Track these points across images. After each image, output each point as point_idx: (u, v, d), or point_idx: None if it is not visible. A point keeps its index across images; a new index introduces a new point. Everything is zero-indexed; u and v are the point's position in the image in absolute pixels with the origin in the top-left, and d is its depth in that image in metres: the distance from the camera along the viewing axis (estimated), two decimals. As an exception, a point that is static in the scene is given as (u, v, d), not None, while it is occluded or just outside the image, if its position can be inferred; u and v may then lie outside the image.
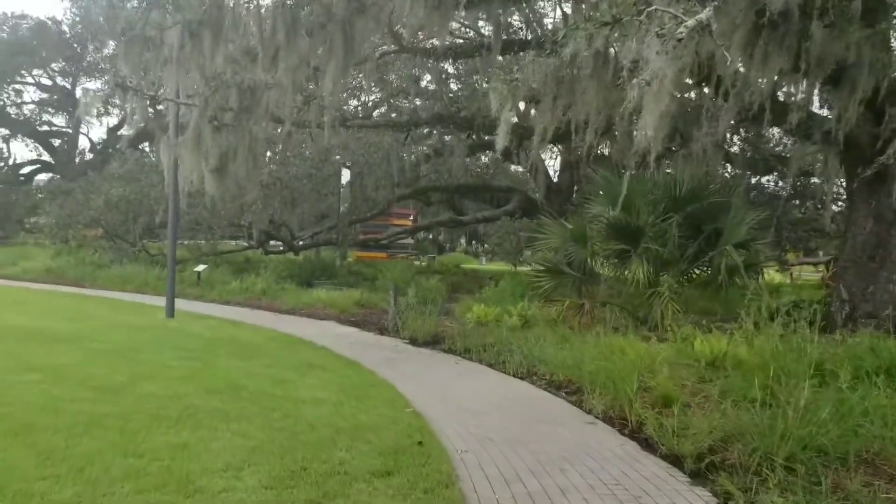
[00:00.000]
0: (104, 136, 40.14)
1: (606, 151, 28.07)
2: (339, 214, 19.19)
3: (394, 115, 18.93)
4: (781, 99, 11.01)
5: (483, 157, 33.74)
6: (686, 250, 11.49)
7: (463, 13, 11.88)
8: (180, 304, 13.09)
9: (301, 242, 22.22)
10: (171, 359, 8.21)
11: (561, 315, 11.76)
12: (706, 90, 11.63)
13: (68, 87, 35.89)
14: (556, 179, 29.04)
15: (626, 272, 11.99)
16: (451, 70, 18.49)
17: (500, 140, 7.23)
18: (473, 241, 64.88)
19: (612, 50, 6.78)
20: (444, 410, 6.24)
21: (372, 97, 19.20)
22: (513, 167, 37.99)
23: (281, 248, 25.24)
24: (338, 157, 20.31)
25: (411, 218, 40.89)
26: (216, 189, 11.65)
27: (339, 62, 9.11)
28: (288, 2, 7.87)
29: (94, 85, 33.90)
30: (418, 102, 19.67)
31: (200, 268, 16.78)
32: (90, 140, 41.47)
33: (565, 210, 25.82)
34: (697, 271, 12.17)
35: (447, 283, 21.24)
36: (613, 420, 6.02)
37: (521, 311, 12.05)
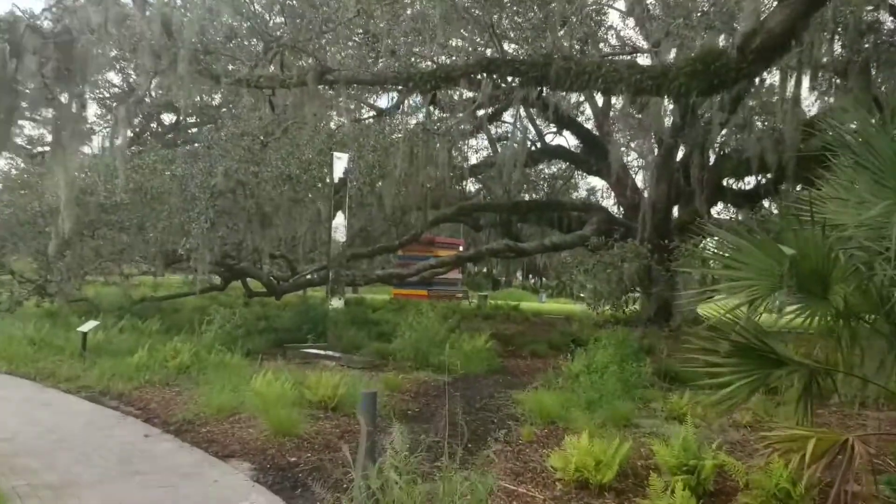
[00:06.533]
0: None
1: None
2: (329, 238, 12.22)
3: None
4: None
5: (550, 168, 26.48)
6: None
7: None
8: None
9: (288, 283, 15.37)
10: None
11: (793, 470, 4.56)
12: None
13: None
14: (646, 195, 21.71)
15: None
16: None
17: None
18: (531, 275, 56.92)
19: None
20: None
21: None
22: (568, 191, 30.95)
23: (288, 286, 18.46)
24: (342, 154, 13.45)
25: (461, 248, 33.79)
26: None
27: None
28: None
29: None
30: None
31: (87, 326, 9.89)
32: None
33: (661, 238, 18.43)
34: None
35: (502, 337, 14.16)
36: None
37: (690, 457, 4.83)
